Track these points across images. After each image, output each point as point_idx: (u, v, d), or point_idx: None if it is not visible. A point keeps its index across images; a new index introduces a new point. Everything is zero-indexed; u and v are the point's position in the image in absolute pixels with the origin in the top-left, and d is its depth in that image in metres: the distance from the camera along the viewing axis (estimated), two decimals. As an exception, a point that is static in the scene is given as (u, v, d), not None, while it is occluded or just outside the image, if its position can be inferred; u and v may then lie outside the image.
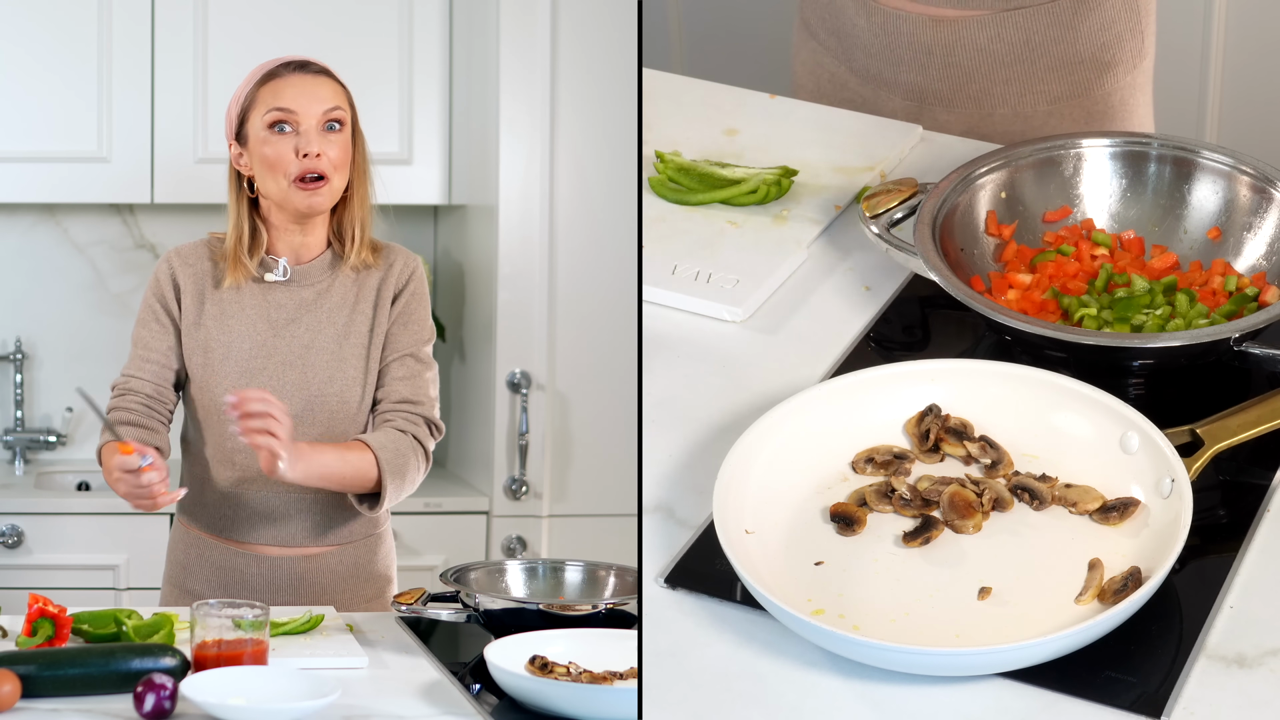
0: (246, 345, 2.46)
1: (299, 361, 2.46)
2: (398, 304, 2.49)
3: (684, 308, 2.43)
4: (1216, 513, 2.10)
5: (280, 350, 2.46)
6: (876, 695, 1.88)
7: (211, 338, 2.46)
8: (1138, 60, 2.82)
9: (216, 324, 2.46)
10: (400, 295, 2.49)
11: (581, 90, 3.67)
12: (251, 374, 2.44)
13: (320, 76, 2.46)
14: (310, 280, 2.48)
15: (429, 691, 2.14)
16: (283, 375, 2.45)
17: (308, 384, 2.45)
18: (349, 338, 2.47)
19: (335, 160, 2.43)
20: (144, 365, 2.49)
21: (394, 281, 2.49)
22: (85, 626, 2.23)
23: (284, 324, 2.46)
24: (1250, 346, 2.20)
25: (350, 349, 2.47)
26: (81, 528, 3.63)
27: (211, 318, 2.46)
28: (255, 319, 2.46)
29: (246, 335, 2.46)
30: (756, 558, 1.99)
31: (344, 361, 2.46)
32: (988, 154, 2.48)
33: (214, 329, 2.46)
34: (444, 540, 3.68)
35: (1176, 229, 2.45)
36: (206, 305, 2.47)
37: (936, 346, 2.38)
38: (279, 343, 2.46)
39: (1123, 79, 2.80)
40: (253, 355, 2.45)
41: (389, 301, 2.49)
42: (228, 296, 2.47)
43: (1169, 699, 1.86)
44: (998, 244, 2.44)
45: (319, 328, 2.47)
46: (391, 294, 2.49)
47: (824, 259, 2.52)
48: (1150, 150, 2.47)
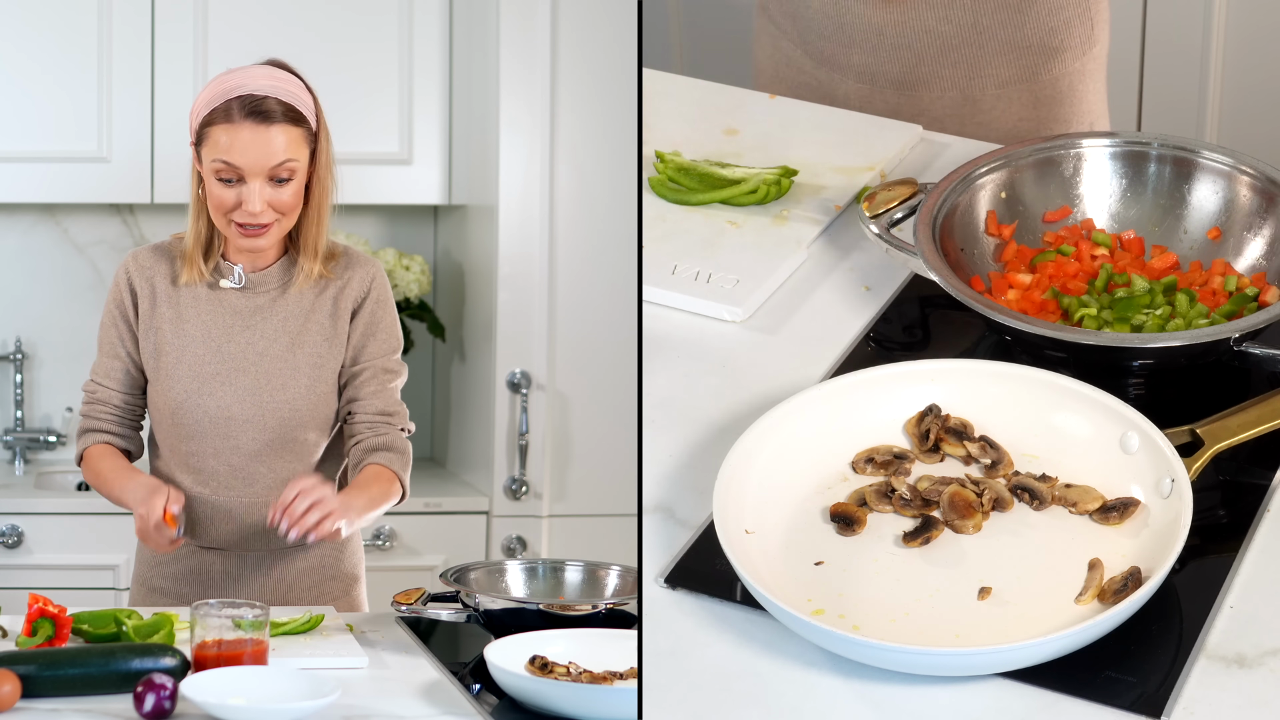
0: (200, 350, 2.46)
1: (251, 368, 2.46)
2: (361, 315, 2.48)
3: (684, 308, 2.43)
4: (1216, 513, 2.10)
5: (233, 356, 2.46)
6: (876, 695, 1.88)
7: (165, 340, 2.47)
8: (1087, 47, 2.86)
9: (171, 327, 2.47)
10: (362, 306, 2.48)
11: (581, 90, 3.67)
12: (203, 379, 2.45)
13: (272, 127, 2.37)
14: (265, 287, 2.47)
15: (429, 691, 2.14)
16: (234, 380, 2.45)
17: (259, 390, 2.45)
18: (301, 346, 2.46)
19: (282, 206, 2.40)
20: (111, 370, 2.50)
21: (353, 293, 2.48)
22: (85, 626, 2.23)
23: (238, 330, 2.46)
24: (1250, 346, 2.20)
25: (302, 358, 2.46)
26: (81, 528, 3.63)
27: (166, 320, 2.47)
28: (209, 324, 2.46)
29: (200, 340, 2.46)
30: (756, 558, 1.99)
31: (296, 370, 2.46)
32: (988, 154, 2.49)
33: (168, 332, 2.47)
34: (444, 540, 3.68)
35: (1176, 229, 2.45)
36: (161, 308, 2.47)
37: (936, 346, 2.38)
38: (232, 348, 2.46)
39: (1071, 65, 2.84)
40: (205, 360, 2.46)
41: (348, 313, 2.48)
42: (183, 300, 2.47)
43: (1169, 699, 1.86)
44: (998, 244, 2.44)
45: (273, 335, 2.46)
46: (351, 306, 2.48)
47: (824, 259, 2.52)
48: (1150, 150, 2.47)
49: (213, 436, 2.46)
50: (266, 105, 2.38)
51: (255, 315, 2.47)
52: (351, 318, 2.48)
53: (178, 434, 2.47)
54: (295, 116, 2.40)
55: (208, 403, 2.45)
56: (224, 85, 2.40)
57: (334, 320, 2.48)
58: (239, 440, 2.46)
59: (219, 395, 2.45)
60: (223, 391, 2.45)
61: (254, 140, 2.37)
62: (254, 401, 2.45)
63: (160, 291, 2.47)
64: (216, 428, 2.46)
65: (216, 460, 2.47)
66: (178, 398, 2.45)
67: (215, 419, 2.45)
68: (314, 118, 2.43)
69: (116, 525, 3.62)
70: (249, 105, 2.38)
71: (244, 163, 2.37)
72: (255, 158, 2.37)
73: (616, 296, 3.68)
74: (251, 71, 2.42)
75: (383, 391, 2.49)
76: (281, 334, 2.47)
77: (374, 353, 2.49)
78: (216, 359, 2.46)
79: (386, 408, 2.48)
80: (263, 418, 2.46)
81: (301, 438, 2.47)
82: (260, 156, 2.37)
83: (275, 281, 2.48)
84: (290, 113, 2.39)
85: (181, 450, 2.48)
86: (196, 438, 2.46)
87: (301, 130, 2.40)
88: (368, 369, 2.48)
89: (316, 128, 2.43)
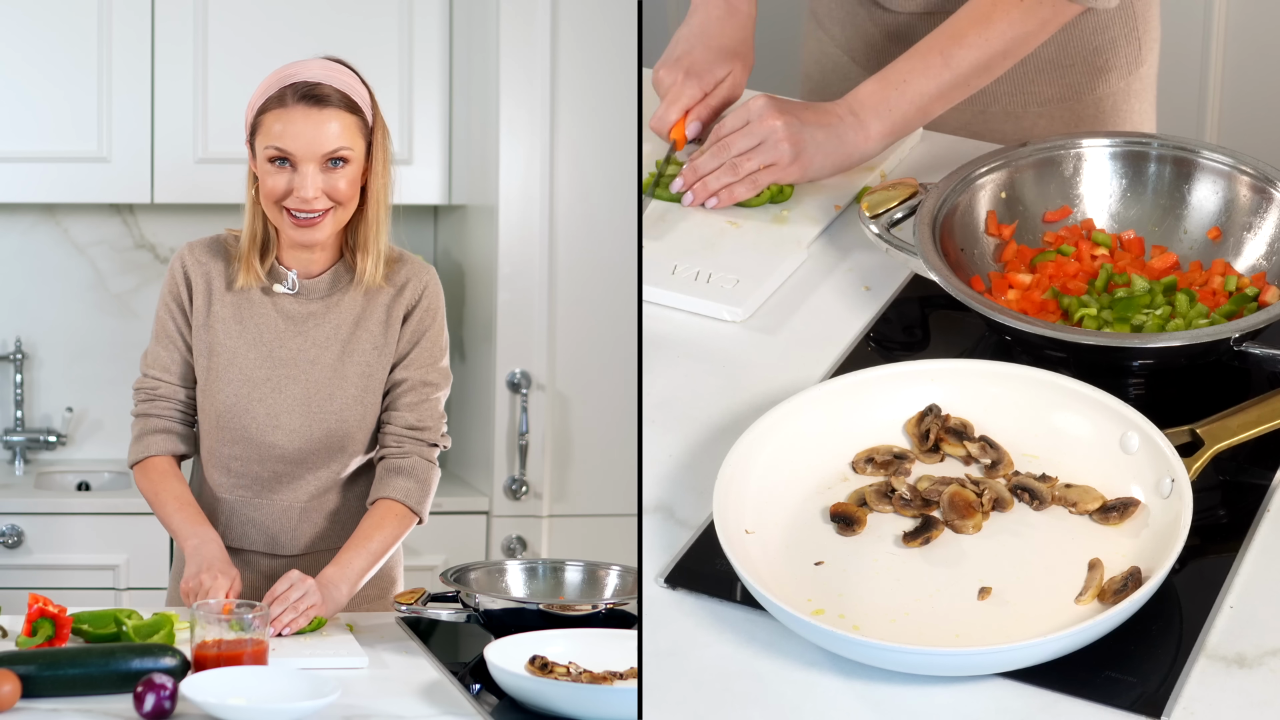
0: (251, 354, 2.44)
1: (301, 376, 2.44)
2: (410, 323, 2.46)
3: (684, 308, 2.43)
4: (1216, 513, 2.10)
5: (284, 362, 2.44)
6: (876, 695, 1.88)
7: (218, 341, 2.45)
8: (1134, 66, 2.80)
9: (224, 328, 2.45)
10: (412, 314, 2.46)
11: (581, 90, 3.67)
12: (254, 384, 2.43)
13: (326, 110, 2.35)
14: (318, 294, 2.45)
15: (429, 691, 2.14)
16: (284, 388, 2.44)
17: (308, 399, 2.44)
18: (352, 355, 2.45)
19: (337, 194, 2.37)
20: (170, 364, 2.47)
21: (405, 301, 2.46)
22: (85, 626, 2.23)
23: (290, 336, 2.44)
24: (1250, 346, 2.20)
25: (352, 367, 2.45)
26: (81, 528, 3.63)
27: (220, 320, 2.45)
28: (262, 328, 2.44)
29: (252, 344, 2.44)
30: (756, 558, 1.99)
31: (345, 380, 2.44)
32: (988, 154, 2.48)
33: (221, 333, 2.45)
34: (444, 540, 3.68)
35: (1176, 229, 2.45)
36: (216, 306, 2.45)
37: (936, 346, 2.38)
38: (283, 354, 2.44)
39: (1116, 84, 2.79)
40: (256, 365, 2.44)
41: (399, 321, 2.46)
42: (238, 301, 2.45)
43: (1169, 699, 1.86)
44: (998, 244, 2.44)
45: (324, 343, 2.45)
46: (402, 314, 2.46)
47: (824, 259, 2.52)
48: (1150, 150, 2.47)
49: (258, 443, 2.44)
50: (321, 90, 2.36)
51: (307, 321, 2.45)
52: (401, 324, 2.47)
53: (221, 437, 2.46)
54: (350, 104, 2.38)
55: (256, 409, 2.43)
56: (279, 75, 2.38)
57: (385, 329, 2.45)
58: (284, 448, 2.44)
59: (268, 402, 2.43)
60: (272, 398, 2.43)
61: (307, 124, 2.35)
62: (302, 410, 2.44)
63: (215, 289, 2.45)
64: (263, 434, 2.44)
65: (260, 466, 2.45)
66: (226, 401, 2.43)
67: (262, 425, 2.43)
68: (369, 110, 2.40)
69: (116, 525, 3.62)
70: (302, 90, 2.36)
71: (296, 147, 2.35)
72: (308, 141, 2.35)
73: (616, 296, 3.68)
74: (307, 62, 2.40)
75: (420, 404, 2.46)
76: (333, 342, 2.45)
77: (418, 363, 2.47)
78: (267, 364, 2.44)
79: (419, 421, 2.46)
80: (309, 427, 2.44)
81: (346, 447, 2.46)
82: (313, 140, 2.35)
83: (328, 288, 2.45)
84: (345, 100, 2.37)
85: (224, 453, 2.46)
86: (241, 442, 2.45)
87: (357, 119, 2.38)
88: (408, 380, 2.46)
89: (373, 121, 2.41)
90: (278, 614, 2.29)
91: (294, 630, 2.30)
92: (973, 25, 2.52)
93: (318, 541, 2.49)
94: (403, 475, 2.45)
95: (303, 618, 2.30)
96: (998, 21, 2.51)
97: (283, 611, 2.29)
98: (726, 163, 2.54)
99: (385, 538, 2.43)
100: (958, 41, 2.52)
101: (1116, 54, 2.77)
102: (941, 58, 2.52)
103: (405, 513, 2.45)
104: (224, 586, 2.32)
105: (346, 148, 2.37)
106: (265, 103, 2.37)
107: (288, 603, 2.30)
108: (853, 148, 2.54)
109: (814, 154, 2.53)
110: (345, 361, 2.44)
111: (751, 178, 2.54)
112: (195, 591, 2.33)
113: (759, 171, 2.53)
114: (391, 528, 2.44)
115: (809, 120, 2.53)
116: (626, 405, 3.67)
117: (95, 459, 3.96)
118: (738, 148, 2.54)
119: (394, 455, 2.46)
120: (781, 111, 2.53)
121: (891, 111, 2.54)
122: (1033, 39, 2.53)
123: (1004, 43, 2.51)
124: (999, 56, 2.53)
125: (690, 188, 2.56)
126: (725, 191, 2.56)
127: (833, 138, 2.53)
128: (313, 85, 2.37)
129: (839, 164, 2.55)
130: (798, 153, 2.52)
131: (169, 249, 3.98)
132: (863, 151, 2.55)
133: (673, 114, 2.65)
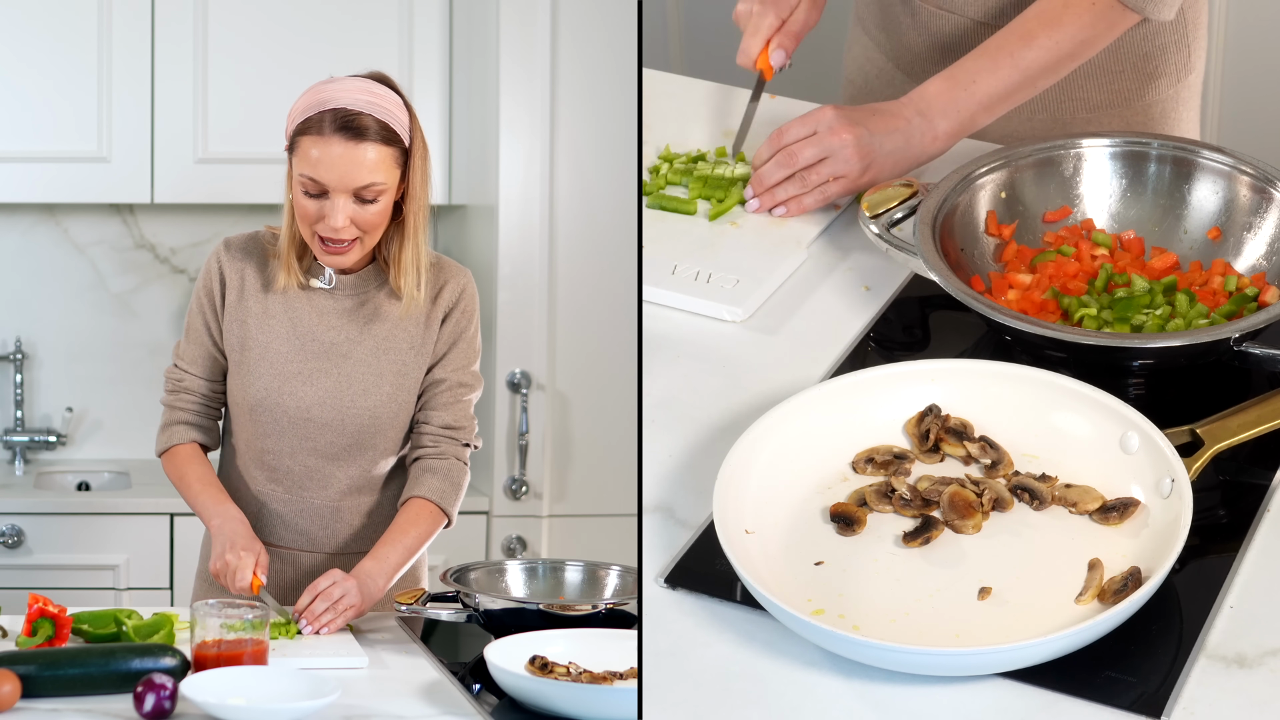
0: (284, 347, 2.44)
1: (335, 370, 2.44)
2: (447, 325, 2.47)
3: (684, 308, 2.43)
4: (1216, 513, 2.10)
5: (317, 356, 2.44)
6: (876, 695, 1.88)
7: (250, 334, 2.45)
8: (1183, 74, 2.78)
9: (257, 322, 2.45)
10: (450, 316, 2.47)
11: (581, 90, 3.67)
12: (286, 376, 2.43)
13: (362, 144, 2.32)
14: (355, 290, 2.45)
15: (429, 691, 2.14)
16: (317, 381, 2.44)
17: (341, 393, 2.44)
18: (387, 353, 2.45)
19: (366, 225, 2.36)
20: (197, 357, 2.48)
21: (444, 303, 2.46)
22: (85, 626, 2.23)
23: (324, 330, 2.44)
24: (1250, 346, 2.21)
25: (387, 364, 2.45)
26: (81, 528, 3.63)
27: (254, 315, 2.45)
28: (296, 322, 2.44)
29: (285, 337, 2.44)
30: (756, 558, 1.99)
31: (380, 377, 2.44)
32: (988, 154, 2.48)
33: (254, 327, 2.45)
34: (444, 540, 3.66)
35: (1176, 229, 2.45)
36: (249, 301, 2.45)
37: (936, 346, 2.38)
38: (316, 348, 2.44)
39: (1165, 91, 2.77)
40: (289, 358, 2.44)
41: (438, 323, 2.46)
42: (272, 296, 2.45)
43: (1169, 699, 1.86)
44: (998, 244, 2.44)
45: (359, 339, 2.45)
46: (441, 315, 2.46)
47: (824, 259, 2.52)
48: (1150, 150, 2.47)
49: (290, 436, 2.44)
50: (360, 122, 2.33)
51: (343, 317, 2.45)
52: (440, 326, 2.47)
53: (255, 430, 2.46)
54: (388, 136, 2.35)
55: (288, 402, 2.43)
56: (320, 95, 2.35)
57: (424, 329, 2.46)
58: (317, 442, 2.44)
59: (300, 395, 2.43)
60: (304, 391, 2.43)
61: (342, 157, 2.32)
62: (335, 404, 2.44)
63: (250, 285, 2.45)
64: (295, 428, 2.44)
65: (292, 460, 2.45)
66: (258, 394, 2.44)
67: (295, 419, 2.43)
68: (408, 136, 2.38)
69: (116, 525, 3.62)
70: (341, 120, 2.33)
71: (330, 179, 2.33)
72: (341, 174, 2.33)
73: (616, 296, 3.68)
74: (349, 84, 2.36)
75: (455, 405, 2.47)
76: (368, 338, 2.45)
77: (453, 364, 2.47)
78: (300, 358, 2.44)
79: (455, 421, 2.47)
80: (342, 421, 2.44)
81: (379, 444, 2.46)
82: (346, 174, 2.33)
83: (365, 284, 2.45)
84: (383, 131, 2.34)
85: (257, 447, 2.47)
86: (274, 435, 2.45)
87: (393, 150, 2.35)
88: (445, 381, 2.47)
89: (410, 146, 2.38)
90: (320, 611, 2.31)
91: (332, 631, 2.31)
92: (1043, 26, 2.51)
93: (353, 542, 2.48)
94: (437, 475, 2.45)
95: (341, 618, 2.32)
96: (1068, 24, 2.50)
97: (325, 610, 2.31)
98: (796, 175, 2.54)
99: (420, 534, 2.44)
100: (1027, 42, 2.52)
101: (1166, 61, 2.75)
102: (1010, 58, 2.52)
103: (437, 513, 2.46)
104: (249, 563, 2.34)
105: (379, 183, 2.34)
106: (304, 123, 2.34)
107: (330, 599, 2.31)
108: (920, 150, 2.54)
109: (884, 163, 2.52)
110: (380, 358, 2.44)
111: (820, 189, 2.53)
112: (223, 573, 2.35)
113: (829, 183, 2.53)
114: (424, 526, 2.45)
115: (878, 129, 2.52)
116: (626, 405, 3.67)
117: (95, 459, 3.96)
118: (804, 158, 2.52)
119: (429, 455, 2.46)
120: (852, 124, 2.51)
121: (960, 111, 2.53)
122: (1098, 42, 2.53)
123: (1072, 45, 2.51)
124: (1066, 58, 2.53)
125: (758, 196, 2.56)
126: (794, 202, 2.55)
127: (902, 144, 2.52)
128: (352, 116, 2.33)
129: (907, 167, 2.55)
130: (868, 165, 2.51)
131: (169, 249, 3.98)
132: (930, 152, 2.55)
133: (755, 44, 2.64)
